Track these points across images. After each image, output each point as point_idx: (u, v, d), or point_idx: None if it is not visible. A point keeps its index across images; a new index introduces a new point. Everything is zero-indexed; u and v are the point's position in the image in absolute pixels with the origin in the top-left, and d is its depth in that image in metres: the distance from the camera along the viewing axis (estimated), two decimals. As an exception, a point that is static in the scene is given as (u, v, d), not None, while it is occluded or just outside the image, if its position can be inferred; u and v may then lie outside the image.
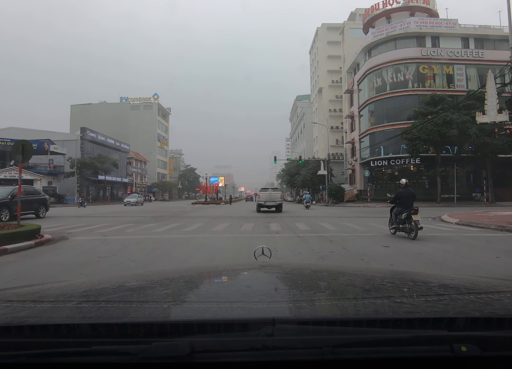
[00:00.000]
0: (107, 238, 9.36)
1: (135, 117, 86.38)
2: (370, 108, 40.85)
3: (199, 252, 7.18)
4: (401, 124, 36.09)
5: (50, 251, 7.42)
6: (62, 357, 0.76)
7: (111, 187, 63.53)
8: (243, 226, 12.78)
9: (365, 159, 41.82)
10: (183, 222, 14.46)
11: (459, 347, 0.74)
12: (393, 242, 8.28)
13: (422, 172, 37.26)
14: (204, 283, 1.44)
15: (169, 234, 10.49)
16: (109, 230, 11.56)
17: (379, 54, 39.81)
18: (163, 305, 1.04)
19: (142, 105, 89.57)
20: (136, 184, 74.53)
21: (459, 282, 1.36)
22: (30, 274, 5.17)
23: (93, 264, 5.90)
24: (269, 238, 9.16)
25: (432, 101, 31.80)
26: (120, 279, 1.52)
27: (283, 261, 5.31)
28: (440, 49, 37.87)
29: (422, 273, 2.01)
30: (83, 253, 7.13)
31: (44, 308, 1.03)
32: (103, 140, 58.47)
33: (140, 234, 10.43)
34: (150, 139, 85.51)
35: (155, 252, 7.17)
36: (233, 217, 18.10)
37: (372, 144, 39.54)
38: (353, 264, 5.61)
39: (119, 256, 6.63)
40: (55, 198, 45.36)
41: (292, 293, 1.20)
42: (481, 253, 7.06)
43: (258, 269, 1.58)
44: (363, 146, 42.13)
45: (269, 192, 23.09)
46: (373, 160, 39.48)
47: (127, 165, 70.18)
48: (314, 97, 73.53)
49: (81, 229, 11.66)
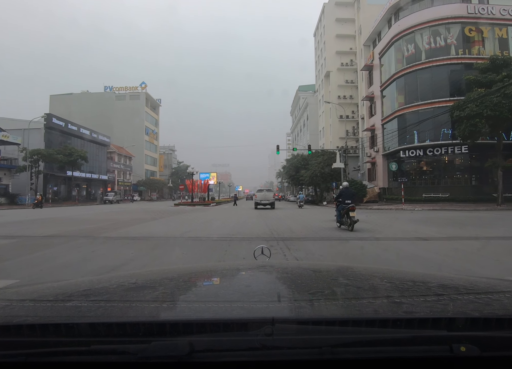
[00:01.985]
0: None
1: (121, 108, 78.00)
2: (398, 84, 32.25)
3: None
4: (442, 101, 27.60)
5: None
6: (62, 356, 0.76)
7: (87, 185, 54.98)
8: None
9: (390, 149, 33.29)
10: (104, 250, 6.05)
11: (458, 347, 0.74)
12: (336, 233, 10.12)
13: (472, 163, 28.70)
14: (204, 283, 1.44)
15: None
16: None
17: (410, 14, 31.21)
18: (163, 304, 1.06)
19: (128, 95, 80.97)
20: (119, 182, 65.95)
21: (458, 282, 1.36)
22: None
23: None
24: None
25: (492, 66, 23.30)
26: (120, 278, 1.50)
27: (283, 261, 5.13)
28: (490, 7, 29.33)
29: (422, 273, 1.97)
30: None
31: (44, 307, 1.03)
32: (74, 131, 49.72)
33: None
34: (137, 132, 76.96)
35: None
36: (232, 239, 8.74)
37: (401, 129, 30.87)
38: (353, 264, 5.10)
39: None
40: (6, 198, 36.77)
41: (291, 293, 1.20)
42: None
43: (258, 269, 1.58)
44: (388, 133, 33.53)
45: (264, 193, 27.73)
46: (403, 150, 30.93)
47: (107, 160, 61.60)
48: (320, 84, 64.97)
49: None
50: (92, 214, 21.23)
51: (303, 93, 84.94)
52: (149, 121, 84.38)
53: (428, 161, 30.71)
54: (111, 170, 62.95)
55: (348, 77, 55.54)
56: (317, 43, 68.26)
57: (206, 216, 19.54)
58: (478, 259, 6.10)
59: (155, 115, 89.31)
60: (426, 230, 10.66)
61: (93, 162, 54.97)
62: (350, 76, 55.71)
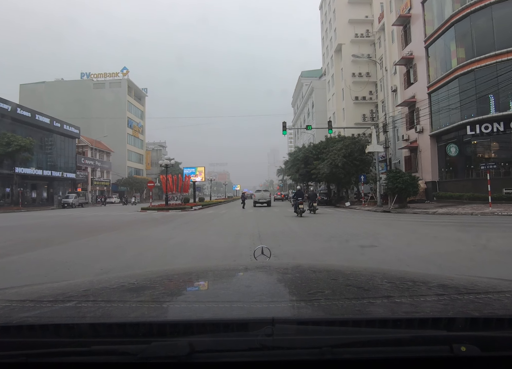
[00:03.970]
0: None
1: (100, 98, 68.29)
2: (459, 31, 22.27)
3: None
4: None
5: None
6: (62, 357, 0.76)
7: (49, 185, 45.04)
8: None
9: (445, 126, 23.37)
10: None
11: (459, 347, 0.73)
12: (295, 218, 15.45)
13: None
14: (204, 283, 1.44)
15: None
16: None
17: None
18: (163, 304, 1.06)
19: (108, 83, 71.08)
20: (94, 181, 56.02)
21: (459, 282, 1.35)
22: None
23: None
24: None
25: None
26: (120, 278, 1.51)
27: (283, 261, 4.87)
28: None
29: (422, 273, 1.98)
30: None
31: (44, 307, 1.03)
32: (27, 117, 39.52)
33: None
34: (118, 124, 67.08)
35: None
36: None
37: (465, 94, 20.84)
38: (352, 264, 5.07)
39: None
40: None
41: (291, 293, 1.20)
42: None
43: (258, 269, 1.58)
44: (438, 104, 23.57)
45: (261, 193, 33.12)
46: (471, 125, 20.99)
47: (78, 156, 51.64)
48: (329, 63, 55.00)
49: None
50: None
51: (306, 79, 74.90)
52: (133, 112, 74.48)
53: (508, 140, 20.76)
54: (83, 168, 53.02)
55: (364, 50, 45.46)
56: (324, 16, 58.29)
57: (162, 234, 10.90)
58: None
59: (140, 107, 79.37)
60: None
61: (57, 158, 45.14)
62: (366, 49, 45.73)
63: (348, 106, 47.16)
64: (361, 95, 46.62)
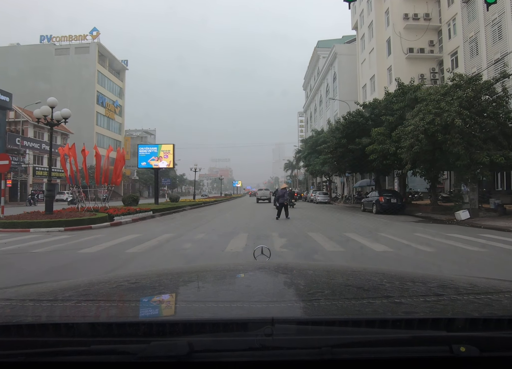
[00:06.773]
0: None
1: (63, 66, 53.53)
2: None
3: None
4: None
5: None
6: (61, 356, 0.76)
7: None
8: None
9: None
10: None
11: (458, 348, 0.73)
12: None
13: None
14: (203, 283, 1.43)
15: None
16: None
17: None
18: (162, 304, 1.07)
19: (73, 48, 56.11)
20: (37, 170, 41.06)
21: (458, 283, 1.35)
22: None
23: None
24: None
25: None
26: (119, 278, 1.50)
27: (283, 261, 4.86)
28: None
29: (422, 274, 1.96)
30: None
31: (43, 306, 1.03)
32: None
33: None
34: (84, 99, 52.10)
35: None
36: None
37: None
38: (352, 263, 5.31)
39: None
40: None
41: (291, 293, 1.21)
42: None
43: (257, 269, 1.57)
44: None
45: (263, 191, 39.10)
46: None
47: (9, 134, 36.65)
48: (365, 8, 39.29)
49: None
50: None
51: (324, 51, 59.17)
52: (106, 87, 59.48)
53: None
54: (20, 152, 38.03)
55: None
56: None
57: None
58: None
59: (118, 82, 64.27)
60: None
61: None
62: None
63: (397, 63, 31.90)
64: (418, 46, 31.29)
